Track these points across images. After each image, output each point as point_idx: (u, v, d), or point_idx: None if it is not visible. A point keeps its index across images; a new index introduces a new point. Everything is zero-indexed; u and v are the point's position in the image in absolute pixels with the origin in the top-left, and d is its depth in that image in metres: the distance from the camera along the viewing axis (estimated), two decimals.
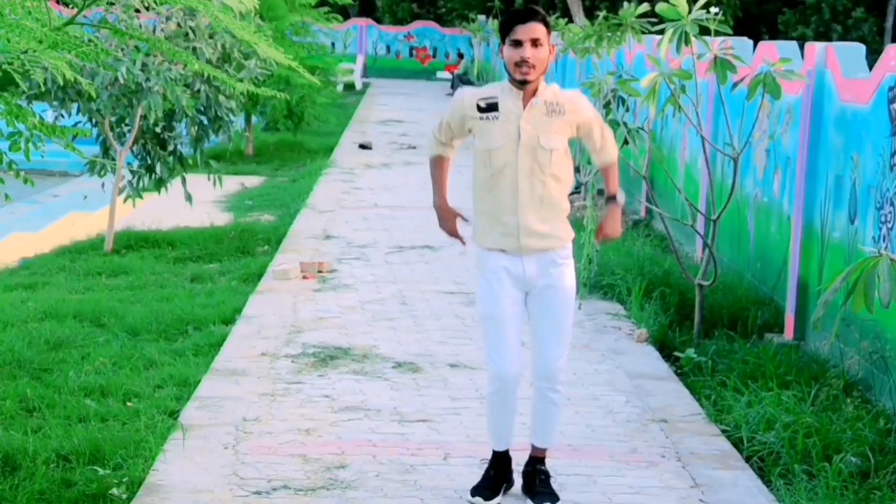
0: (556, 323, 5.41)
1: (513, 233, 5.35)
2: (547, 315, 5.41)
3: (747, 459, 6.22)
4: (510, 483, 5.66)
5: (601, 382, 7.43)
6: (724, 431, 6.57)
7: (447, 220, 5.68)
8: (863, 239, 7.29)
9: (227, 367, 7.47)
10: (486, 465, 5.71)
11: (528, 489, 5.59)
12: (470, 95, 5.44)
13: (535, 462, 5.61)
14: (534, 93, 5.34)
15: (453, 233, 5.70)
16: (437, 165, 5.69)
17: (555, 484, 5.65)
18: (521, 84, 5.29)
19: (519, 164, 5.32)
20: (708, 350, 7.85)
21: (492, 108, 5.35)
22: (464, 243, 5.78)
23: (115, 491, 5.53)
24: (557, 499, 5.51)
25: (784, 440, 6.22)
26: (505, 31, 5.29)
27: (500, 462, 5.62)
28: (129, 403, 6.76)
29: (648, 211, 13.00)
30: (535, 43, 5.24)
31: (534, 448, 5.62)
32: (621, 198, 5.62)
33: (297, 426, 6.46)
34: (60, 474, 5.71)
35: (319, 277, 10.18)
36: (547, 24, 5.31)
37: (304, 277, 10.12)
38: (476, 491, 5.55)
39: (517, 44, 5.24)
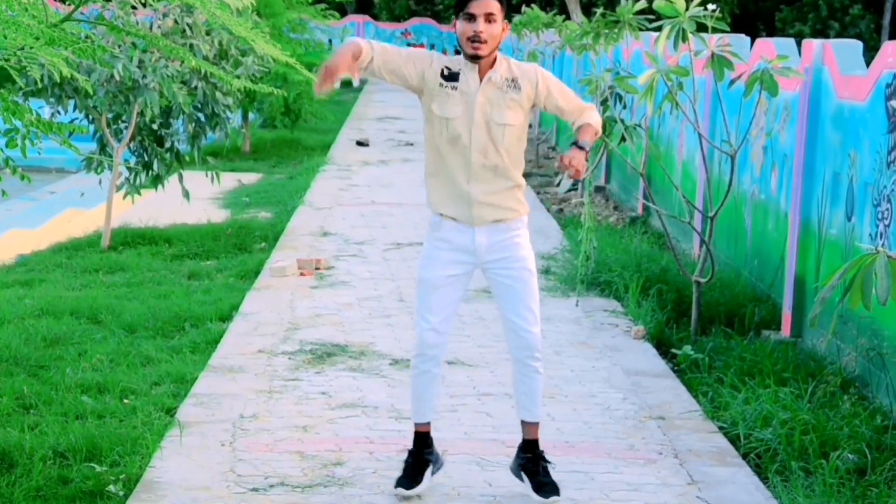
0: (521, 293, 5.39)
1: (465, 201, 5.35)
2: (511, 286, 5.40)
3: (744, 456, 6.22)
4: (436, 464, 5.60)
5: (598, 379, 7.43)
6: (721, 428, 6.57)
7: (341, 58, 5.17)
8: (860, 236, 7.29)
9: (224, 364, 7.46)
10: (485, 464, 5.68)
11: (531, 476, 5.51)
12: (438, 59, 5.40)
13: (533, 447, 5.55)
14: (491, 66, 5.32)
15: (336, 69, 5.12)
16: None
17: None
18: (473, 59, 5.28)
19: (472, 137, 5.32)
20: (705, 347, 7.85)
21: (453, 77, 5.34)
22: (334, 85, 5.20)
23: (111, 488, 5.53)
24: (559, 491, 5.48)
25: (781, 437, 6.22)
26: (459, 6, 5.26)
27: (418, 446, 5.58)
28: (125, 400, 6.75)
29: (645, 208, 13.00)
30: (488, 18, 5.21)
31: (524, 426, 5.56)
32: (586, 145, 5.34)
33: (295, 423, 6.46)
34: (57, 471, 5.70)
35: (317, 274, 10.17)
36: (501, 1, 5.28)
37: (302, 274, 10.12)
38: (398, 482, 5.52)
39: (470, 18, 5.22)
